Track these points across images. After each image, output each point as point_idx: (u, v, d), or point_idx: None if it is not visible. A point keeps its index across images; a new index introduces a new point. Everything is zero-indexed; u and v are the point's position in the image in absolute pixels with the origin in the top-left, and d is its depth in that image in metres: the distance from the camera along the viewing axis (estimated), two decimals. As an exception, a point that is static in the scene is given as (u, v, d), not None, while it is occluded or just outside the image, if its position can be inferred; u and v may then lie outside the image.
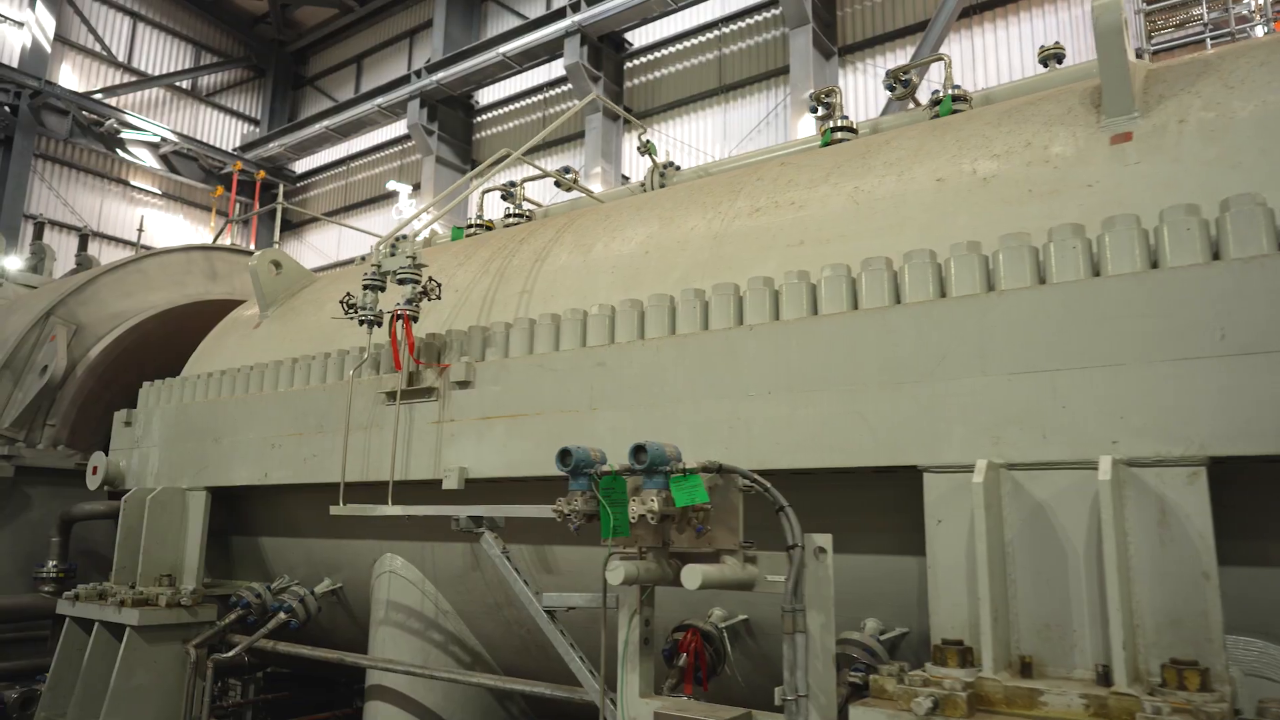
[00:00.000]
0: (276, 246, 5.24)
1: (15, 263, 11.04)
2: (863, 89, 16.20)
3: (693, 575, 2.17)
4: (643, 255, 3.56)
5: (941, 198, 2.86)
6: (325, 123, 22.64)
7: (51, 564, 5.63)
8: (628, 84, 19.01)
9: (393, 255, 3.61)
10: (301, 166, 25.18)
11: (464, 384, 3.45)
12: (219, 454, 4.42)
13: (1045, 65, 4.23)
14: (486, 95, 21.62)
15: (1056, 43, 4.32)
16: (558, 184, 6.03)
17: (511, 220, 5.58)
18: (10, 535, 5.90)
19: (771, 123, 17.02)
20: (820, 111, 4.64)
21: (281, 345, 4.85)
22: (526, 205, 5.55)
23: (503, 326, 3.54)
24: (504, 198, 5.88)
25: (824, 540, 2.27)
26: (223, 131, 25.30)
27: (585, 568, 3.36)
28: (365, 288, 3.67)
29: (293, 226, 24.56)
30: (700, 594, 2.63)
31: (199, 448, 4.54)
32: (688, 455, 2.43)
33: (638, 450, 2.24)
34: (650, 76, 18.85)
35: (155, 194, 23.30)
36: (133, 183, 22.92)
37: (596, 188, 13.65)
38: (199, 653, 4.16)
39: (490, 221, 5.94)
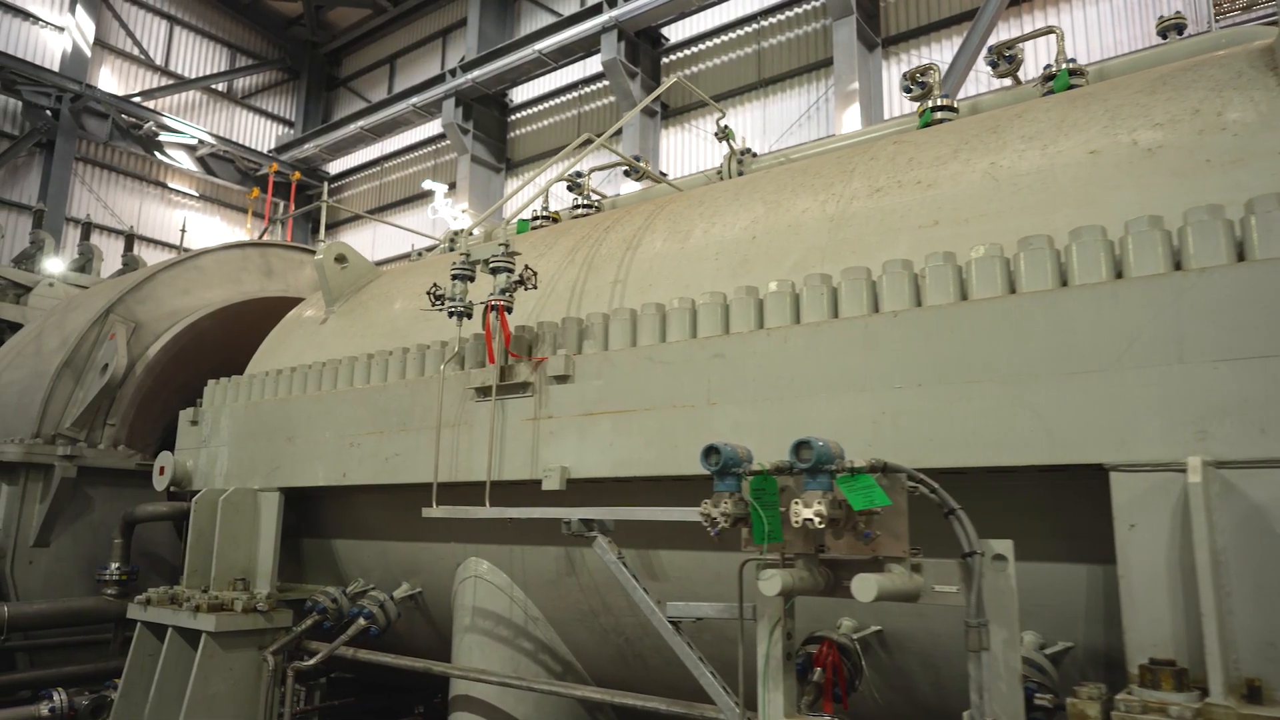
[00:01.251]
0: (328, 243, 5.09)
1: (58, 265, 11.05)
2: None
3: (865, 586, 1.95)
4: (749, 241, 3.34)
5: (1098, 171, 2.62)
6: (360, 123, 22.66)
7: (114, 566, 5.52)
8: (665, 79, 18.77)
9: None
10: (336, 167, 25.24)
11: (562, 378, 3.25)
12: (292, 454, 4.26)
13: (1164, 36, 3.97)
14: (520, 94, 21.51)
15: (1178, 12, 4.05)
16: (627, 173, 5.84)
17: (580, 211, 5.40)
18: (71, 537, 5.80)
19: (813, 116, 16.74)
20: (914, 91, 4.39)
21: (351, 341, 4.69)
22: (582, 198, 5.38)
23: (600, 318, 3.34)
24: (570, 188, 5.71)
25: (1003, 546, 2.05)
26: (258, 133, 25.42)
27: (694, 574, 3.15)
28: (454, 277, 3.49)
29: (327, 227, 24.58)
30: (824, 603, 2.42)
31: (271, 447, 4.38)
32: None
33: (801, 447, 2.02)
34: (688, 71, 18.61)
35: (193, 196, 23.44)
36: (170, 185, 23.07)
37: (636, 184, 13.46)
38: (277, 660, 4.00)
39: (556, 213, 5.76)
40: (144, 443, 6.34)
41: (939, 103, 4.09)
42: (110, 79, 22.05)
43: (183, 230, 15.28)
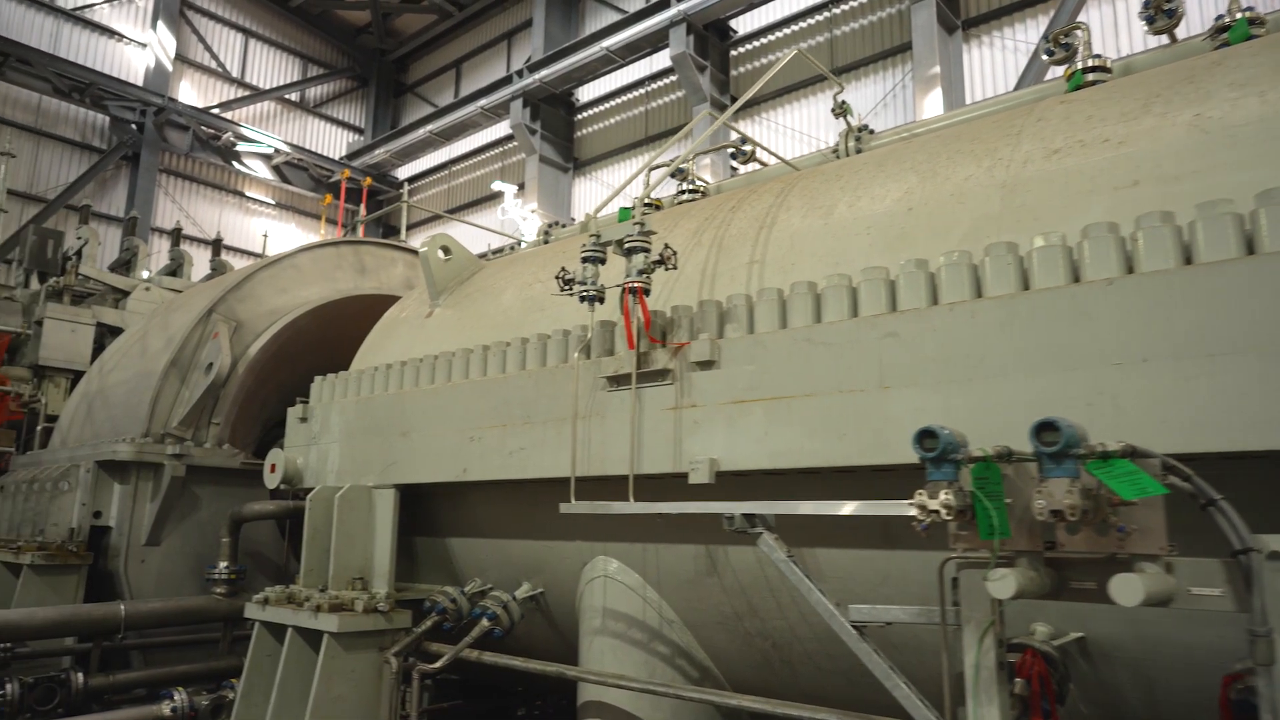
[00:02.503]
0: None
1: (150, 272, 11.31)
2: (989, 63, 15.31)
3: (1128, 588, 1.68)
4: (905, 213, 3.08)
5: (1340, 116, 2.29)
6: (429, 127, 22.90)
7: (223, 565, 5.51)
8: (734, 72, 18.50)
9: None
10: (405, 172, 25.57)
11: (706, 364, 3.04)
12: (408, 449, 4.14)
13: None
14: (586, 92, 21.46)
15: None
16: (734, 156, 5.60)
17: (685, 197, 5.19)
18: (181, 536, 5.82)
19: (890, 103, 16.26)
20: (1058, 53, 4.06)
21: (460, 334, 4.56)
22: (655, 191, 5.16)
23: (743, 299, 3.11)
24: (675, 175, 5.52)
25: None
26: (330, 141, 25.91)
27: (857, 574, 2.90)
28: (585, 260, 3.30)
29: (396, 231, 24.90)
30: (1013, 606, 2.15)
31: (385, 443, 4.27)
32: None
33: (1044, 428, 1.77)
34: (757, 63, 18.29)
35: (269, 204, 23.98)
36: (248, 194, 23.63)
37: (705, 178, 13.23)
38: (400, 662, 3.88)
39: (659, 201, 5.57)
40: (245, 442, 6.35)
41: (1089, 64, 3.75)
42: (190, 92, 22.69)
43: (264, 237, 15.56)
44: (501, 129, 22.73)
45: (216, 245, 12.55)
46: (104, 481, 5.62)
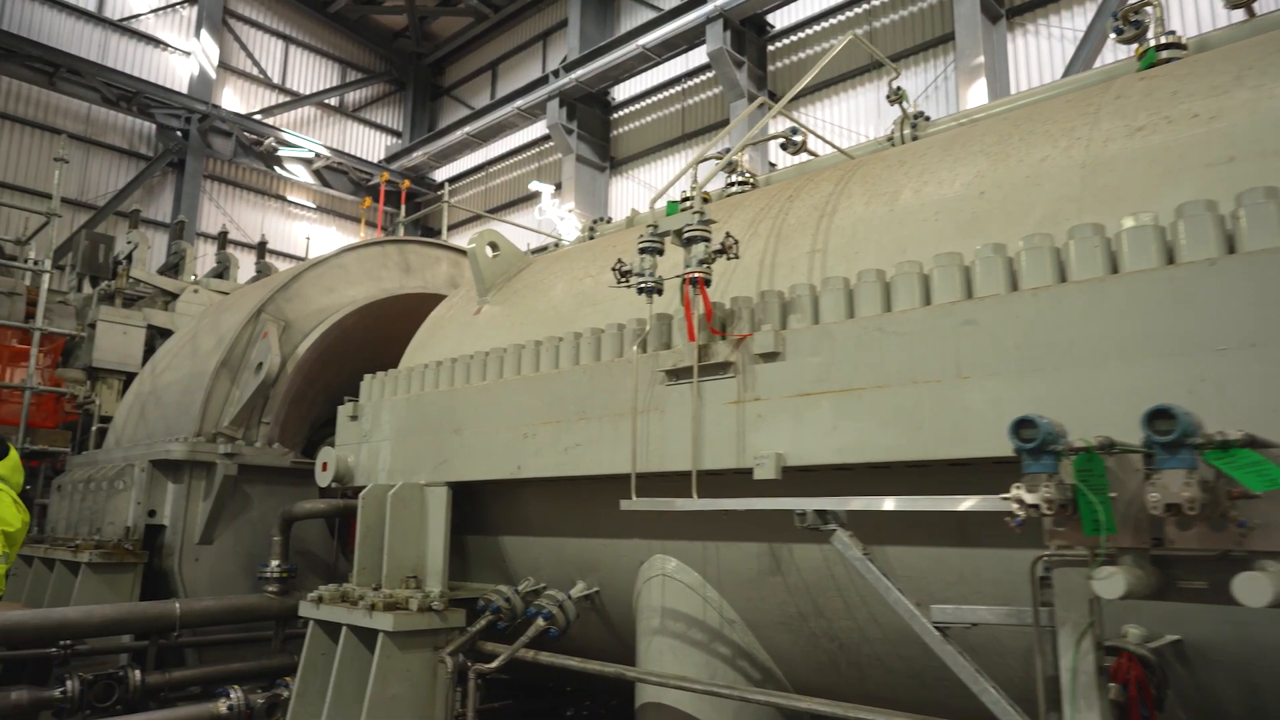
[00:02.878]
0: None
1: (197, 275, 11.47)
2: (1035, 52, 14.99)
3: (1256, 588, 1.56)
4: (977, 197, 2.96)
5: None
6: (466, 129, 23.04)
7: (274, 564, 5.52)
8: (771, 67, 18.34)
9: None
10: (442, 174, 25.76)
11: (770, 356, 2.94)
12: (460, 447, 4.10)
13: None
14: (622, 91, 21.43)
15: None
16: (784, 146, 5.49)
17: (734, 190, 5.10)
18: (233, 534, 5.85)
19: (931, 95, 15.98)
20: (1127, 31, 3.89)
21: (510, 330, 4.51)
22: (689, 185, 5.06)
23: (807, 289, 3.01)
24: (725, 167, 5.43)
25: None
26: (368, 145, 26.18)
27: (930, 574, 2.79)
28: (642, 251, 3.23)
29: (435, 233, 25.10)
30: (1105, 607, 2.02)
31: (436, 440, 4.23)
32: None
33: (1157, 416, 1.65)
34: (795, 58, 18.12)
35: (310, 208, 24.28)
36: (289, 198, 23.96)
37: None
38: (455, 661, 3.83)
39: (707, 194, 5.47)
40: (293, 441, 6.37)
41: (1162, 40, 3.59)
42: (233, 98, 23.06)
43: (307, 240, 15.74)
44: (538, 129, 22.79)
45: (261, 248, 12.72)
46: (158, 480, 5.67)
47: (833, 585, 3.04)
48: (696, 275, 3.00)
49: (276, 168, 23.04)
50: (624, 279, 3.29)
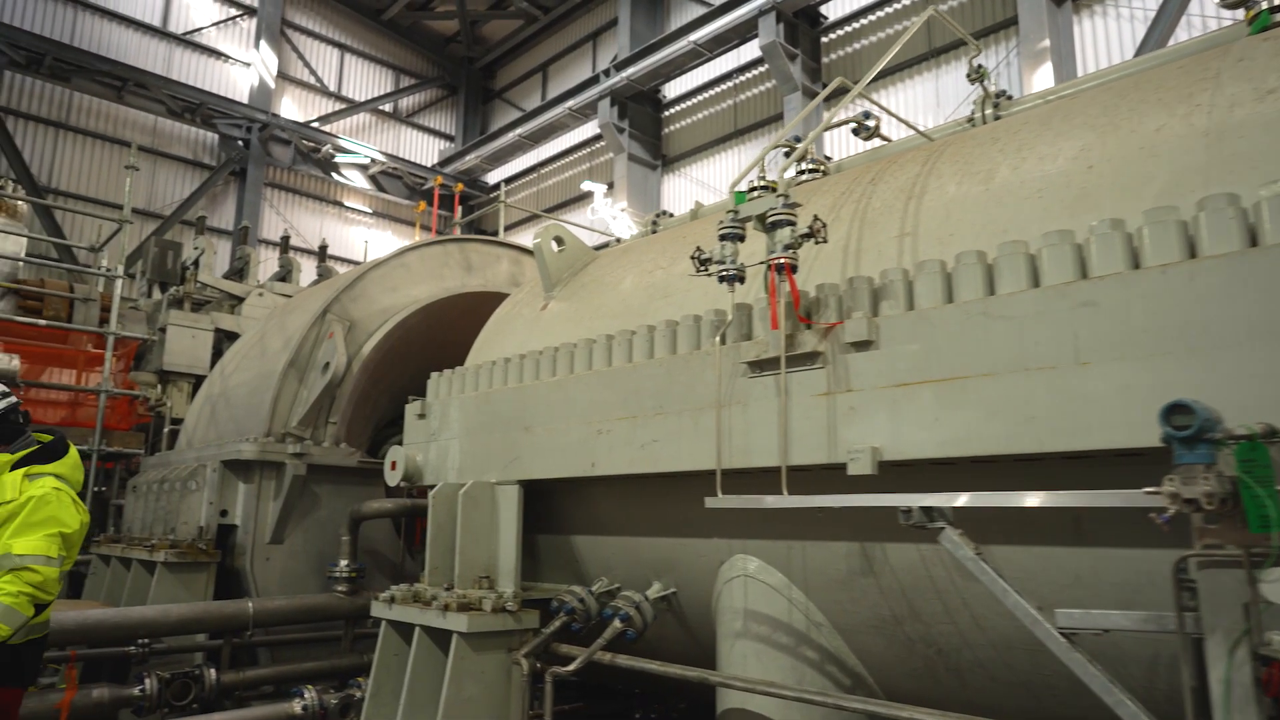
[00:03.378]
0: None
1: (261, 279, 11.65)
2: (1103, 34, 14.45)
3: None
4: (1085, 171, 2.76)
5: None
6: (518, 131, 23.15)
7: (343, 564, 5.53)
8: (826, 59, 18.01)
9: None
10: (495, 177, 25.90)
11: (863, 345, 2.79)
12: (531, 444, 4.01)
13: None
14: (673, 88, 21.28)
15: None
16: (856, 132, 5.31)
17: (806, 177, 4.94)
18: (302, 534, 5.88)
19: (994, 82, 15.52)
20: (1234, -2, 3.63)
21: (579, 325, 4.41)
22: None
23: (899, 273, 2.85)
24: (788, 154, 5.26)
25: None
26: (422, 149, 26.49)
27: (1041, 575, 2.60)
28: (723, 238, 3.10)
29: (489, 234, 25.27)
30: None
31: (507, 438, 4.16)
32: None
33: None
34: (851, 49, 17.76)
35: (366, 213, 24.65)
36: (346, 204, 24.36)
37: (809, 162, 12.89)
38: (531, 663, 3.75)
39: (774, 183, 5.32)
40: (358, 441, 6.39)
41: (1276, 3, 3.33)
42: (291, 107, 23.52)
43: (365, 244, 15.94)
44: (589, 129, 22.78)
45: (322, 251, 12.90)
46: (229, 481, 5.72)
47: (931, 587, 2.87)
48: (782, 261, 2.86)
49: (334, 174, 23.44)
50: (703, 267, 3.16)
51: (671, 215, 6.08)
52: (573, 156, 23.98)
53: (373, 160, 23.72)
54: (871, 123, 5.15)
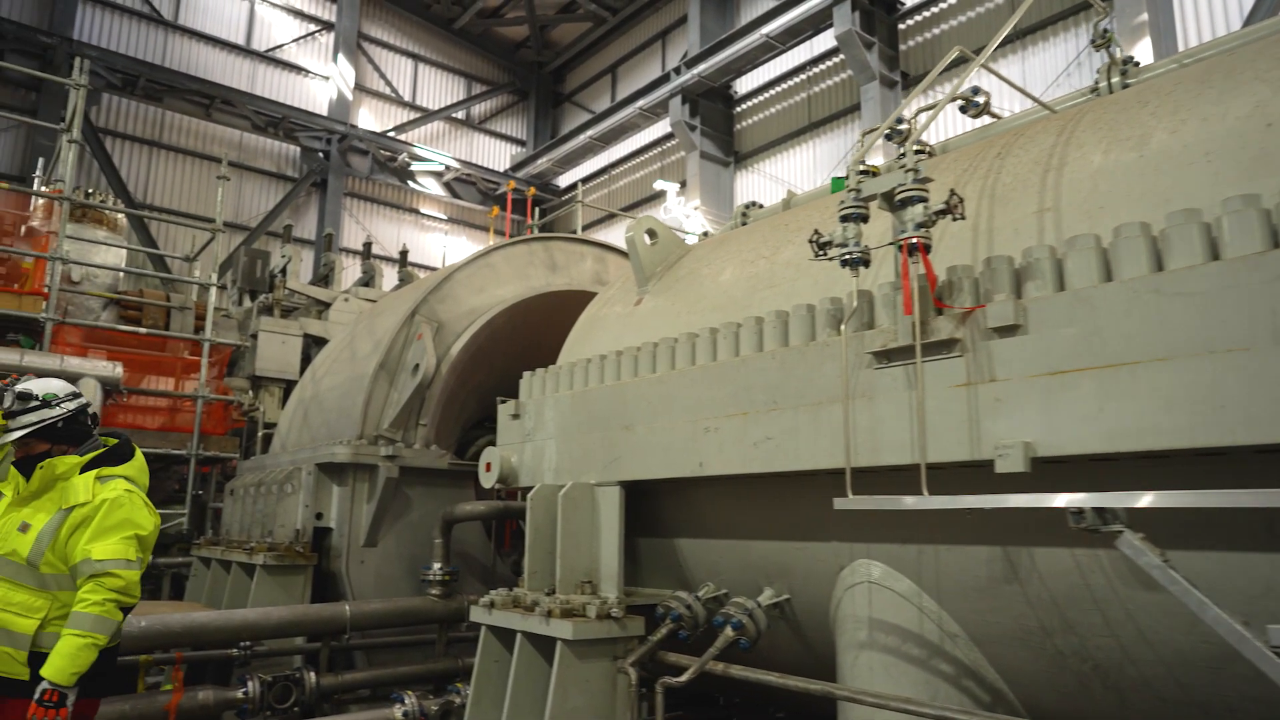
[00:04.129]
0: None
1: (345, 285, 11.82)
2: (1204, 6, 13.62)
3: None
4: (1263, 130, 2.46)
5: None
6: (589, 132, 23.20)
7: (437, 566, 5.48)
8: (903, 46, 17.48)
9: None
10: (566, 180, 26.04)
11: (1008, 330, 2.53)
12: (632, 443, 3.86)
13: None
14: (745, 84, 21.00)
15: None
16: (963, 109, 5.01)
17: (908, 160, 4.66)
18: (395, 537, 5.85)
19: (1084, 62, 14.80)
20: None
21: (676, 320, 4.24)
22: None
23: (1046, 251, 2.59)
24: (889, 137, 5.00)
25: None
26: (494, 155, 26.80)
27: (1224, 583, 2.31)
28: (844, 219, 2.88)
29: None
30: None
31: (606, 438, 4.01)
32: None
33: None
34: (929, 34, 17.21)
35: (441, 219, 25.04)
36: (422, 210, 24.78)
37: (878, 160, 12.45)
38: (638, 672, 3.59)
39: (875, 168, 5.06)
40: (446, 443, 6.34)
41: None
42: (368, 118, 24.06)
43: (444, 250, 16.11)
44: (659, 129, 22.68)
45: (403, 256, 13.07)
46: (324, 483, 5.73)
47: (1088, 596, 2.60)
48: (915, 240, 2.63)
49: (410, 182, 23.87)
50: (822, 251, 2.95)
51: (761, 206, 5.88)
52: (644, 156, 23.90)
53: (447, 167, 24.09)
54: (980, 99, 4.86)
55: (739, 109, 21.18)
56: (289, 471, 5.90)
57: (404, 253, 13.34)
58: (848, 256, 2.84)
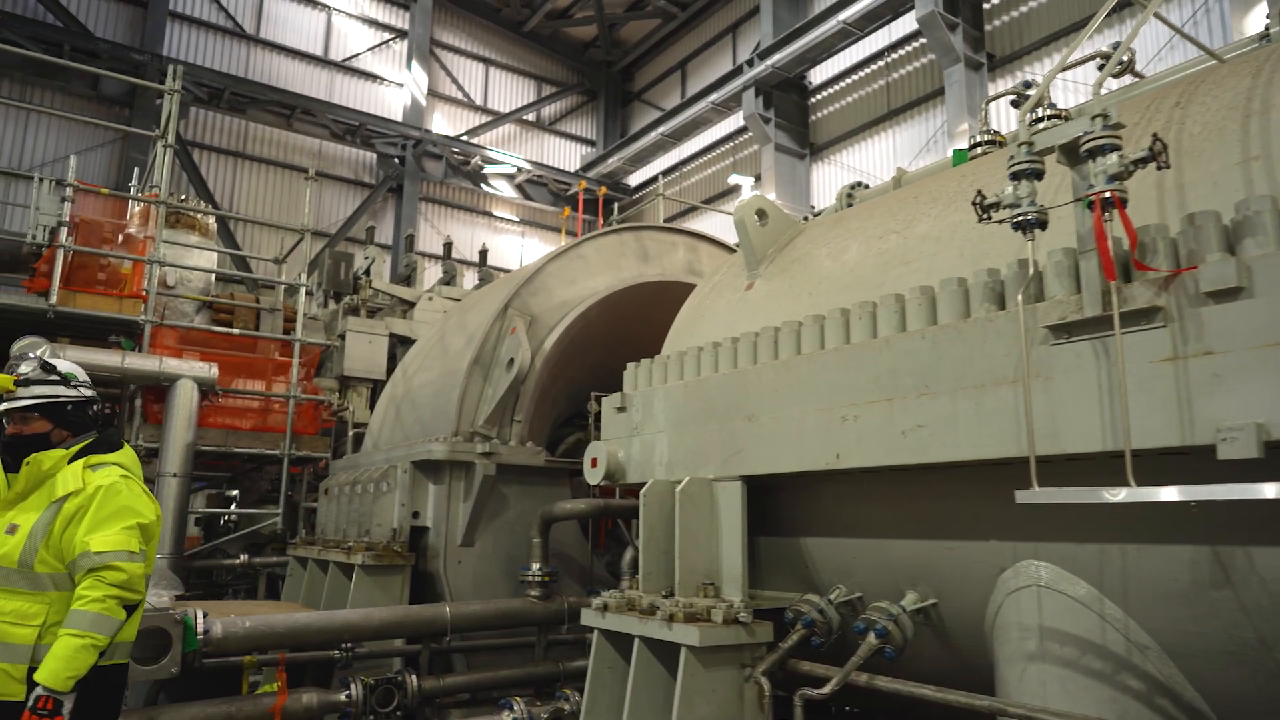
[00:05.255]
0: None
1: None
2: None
3: None
4: None
5: None
6: (660, 129, 22.99)
7: (536, 567, 5.29)
8: (989, 26, 16.77)
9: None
10: (636, 178, 25.89)
11: (1227, 294, 2.18)
12: (755, 435, 3.58)
13: None
14: (819, 74, 20.49)
15: None
16: (1102, 69, 4.61)
17: (980, 150, 4.37)
18: (492, 536, 5.70)
19: (1192, 30, 13.93)
20: None
21: (794, 302, 3.95)
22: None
23: (1268, 203, 2.22)
24: (1014, 104, 4.62)
25: None
26: (565, 156, 26.82)
27: None
28: (1015, 176, 2.56)
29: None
30: None
31: (725, 429, 3.75)
32: None
33: None
34: (1016, 13, 16.48)
35: (513, 221, 25.14)
36: (495, 213, 24.93)
37: (961, 144, 11.89)
38: (770, 683, 3.31)
39: (1001, 135, 4.70)
40: (539, 440, 6.17)
41: None
42: (442, 122, 24.31)
43: (521, 250, 16.09)
44: (731, 124, 22.34)
45: (483, 256, 13.06)
46: (419, 482, 5.61)
47: (1324, 605, 2.23)
48: (1109, 194, 2.29)
49: (483, 185, 24.04)
50: (986, 215, 2.63)
51: (867, 186, 5.55)
52: (716, 152, 23.58)
53: (519, 169, 24.18)
54: (1126, 57, 4.46)
55: (814, 99, 20.68)
56: (384, 470, 5.80)
57: (484, 252, 13.34)
58: (1022, 218, 2.51)
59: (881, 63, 19.05)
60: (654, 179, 25.40)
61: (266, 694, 4.56)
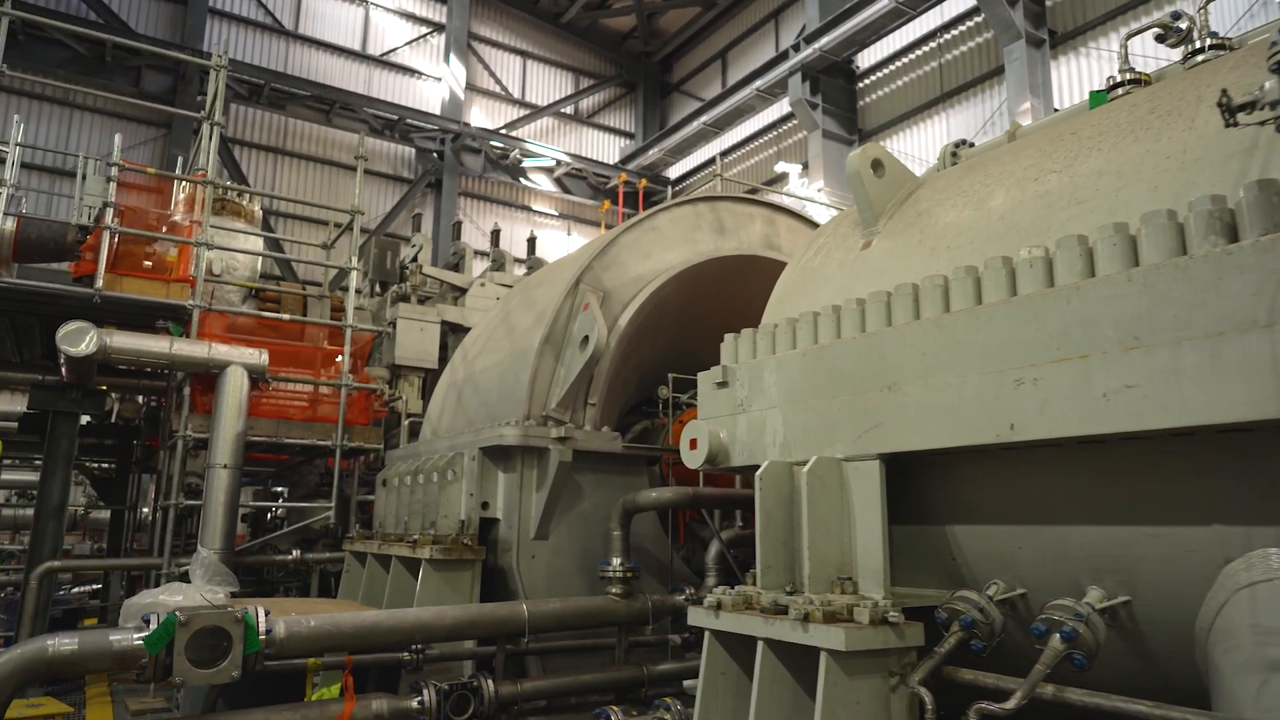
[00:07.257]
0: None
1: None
2: None
3: None
4: None
5: None
6: (701, 119, 22.55)
7: (617, 562, 4.86)
8: (1049, 1, 16.06)
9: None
10: (676, 170, 25.43)
11: None
12: (897, 406, 3.09)
13: None
14: (868, 57, 19.89)
15: None
16: (1160, 39, 4.09)
17: (1202, 58, 3.77)
18: (566, 528, 5.26)
19: (1269, 3, 13.16)
20: None
21: (930, 258, 3.46)
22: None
23: None
24: (1159, 39, 4.10)
25: None
26: (603, 148, 26.46)
27: None
28: (1278, 70, 2.05)
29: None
30: None
31: (857, 401, 3.26)
32: None
33: None
34: (1081, -14, 15.74)
35: (552, 215, 24.81)
36: (534, 207, 24.61)
37: (1025, 122, 11.27)
38: (928, 694, 2.82)
39: (1145, 75, 4.16)
40: (610, 425, 5.73)
41: None
42: (480, 116, 24.06)
43: (565, 246, 15.69)
44: (774, 112, 21.82)
45: (531, 244, 12.69)
46: (489, 470, 5.19)
47: None
48: None
49: (521, 179, 23.73)
50: (1231, 117, 2.12)
51: (973, 145, 5.03)
52: (759, 141, 23.06)
53: (558, 162, 23.84)
54: (1183, 24, 3.95)
55: (862, 84, 20.09)
56: (449, 458, 5.39)
57: (532, 239, 12.97)
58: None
59: (934, 43, 18.42)
60: (694, 170, 24.94)
61: (333, 700, 4.17)
